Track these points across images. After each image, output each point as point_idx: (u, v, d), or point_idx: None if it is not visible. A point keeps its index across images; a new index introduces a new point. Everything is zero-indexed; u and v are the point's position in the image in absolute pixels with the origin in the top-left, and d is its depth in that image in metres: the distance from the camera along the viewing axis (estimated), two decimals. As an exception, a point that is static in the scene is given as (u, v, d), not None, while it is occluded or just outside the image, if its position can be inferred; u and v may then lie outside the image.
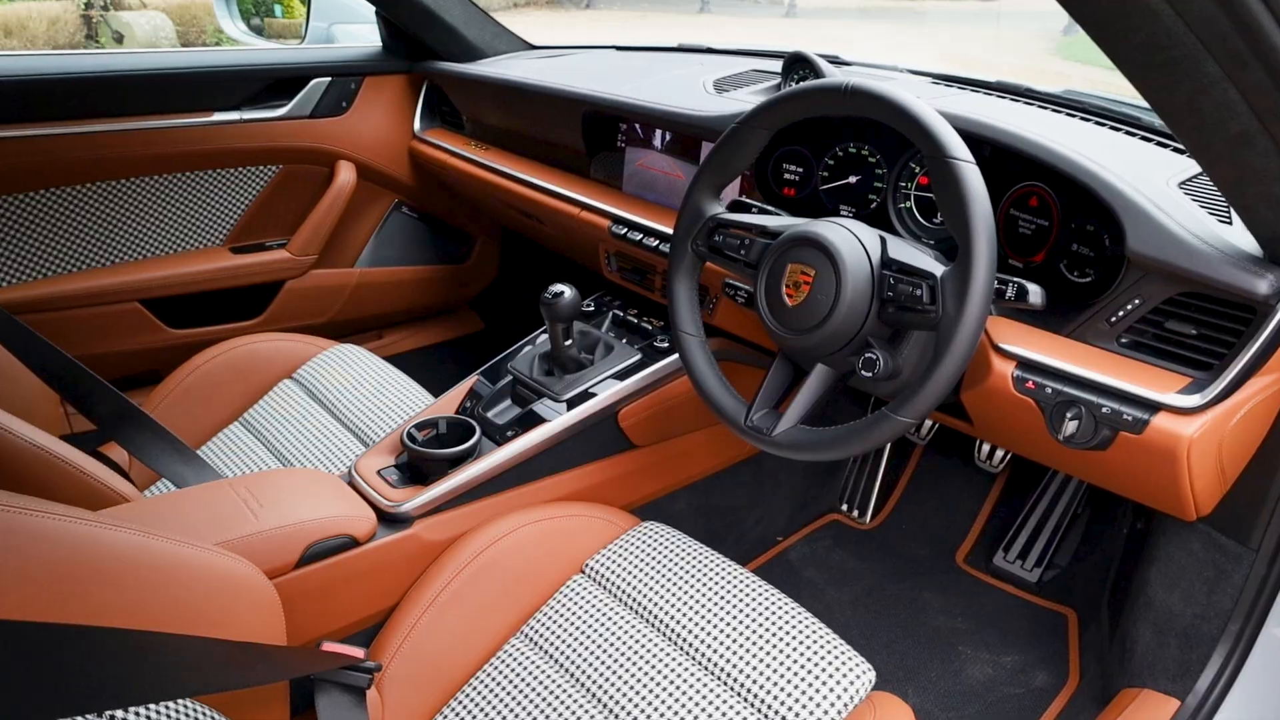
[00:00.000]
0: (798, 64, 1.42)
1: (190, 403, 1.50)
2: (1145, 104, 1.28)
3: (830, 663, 1.01)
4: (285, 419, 1.49)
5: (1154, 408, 0.91)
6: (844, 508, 1.88)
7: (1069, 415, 0.96)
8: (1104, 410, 0.93)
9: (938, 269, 0.91)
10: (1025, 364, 1.00)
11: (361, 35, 2.06)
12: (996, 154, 1.06)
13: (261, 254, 1.92)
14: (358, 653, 0.99)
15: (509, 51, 2.00)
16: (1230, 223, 0.94)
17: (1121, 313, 0.96)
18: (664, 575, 1.13)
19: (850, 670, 1.00)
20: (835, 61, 1.57)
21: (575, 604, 1.12)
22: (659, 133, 1.48)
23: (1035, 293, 0.92)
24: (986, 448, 1.74)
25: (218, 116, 1.78)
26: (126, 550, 0.77)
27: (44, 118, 1.61)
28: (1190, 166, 1.06)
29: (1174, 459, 0.91)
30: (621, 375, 1.38)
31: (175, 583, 0.80)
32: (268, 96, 1.84)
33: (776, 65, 1.54)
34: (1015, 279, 0.93)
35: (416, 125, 2.03)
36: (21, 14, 8.03)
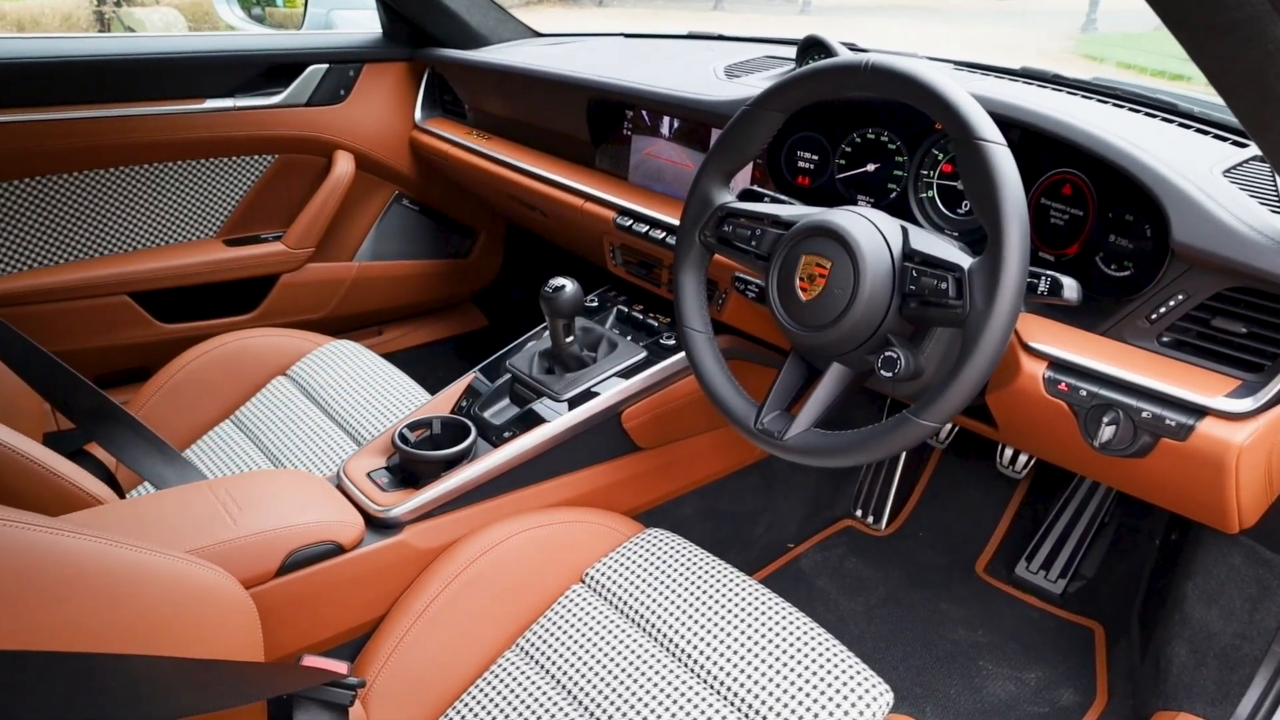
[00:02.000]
0: (813, 48, 1.36)
1: (180, 400, 1.46)
2: (1181, 92, 1.24)
3: (845, 683, 0.94)
4: (277, 417, 1.44)
5: (1200, 412, 0.85)
6: (858, 513, 1.82)
7: (1105, 420, 0.89)
8: (1144, 415, 0.87)
9: (965, 261, 0.85)
10: (1057, 364, 0.94)
11: (361, 22, 2.00)
12: (1027, 138, 1.00)
13: (256, 246, 1.87)
14: (340, 667, 0.93)
15: (513, 39, 1.94)
16: None
17: (1163, 309, 0.90)
18: (668, 586, 1.08)
19: (866, 691, 0.94)
20: (853, 49, 1.50)
21: (574, 616, 1.07)
22: (667, 120, 1.42)
23: (1070, 287, 0.86)
24: (1009, 452, 1.67)
25: (210, 104, 1.73)
26: (84, 560, 0.72)
27: (28, 103, 1.56)
28: (1234, 154, 0.99)
29: (1221, 468, 0.85)
30: (625, 374, 1.33)
31: (139, 595, 0.75)
32: (263, 83, 1.79)
33: (791, 52, 1.48)
34: (1048, 272, 0.87)
35: (417, 114, 1.98)
36: (34, 10, 8.05)
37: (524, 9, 1.98)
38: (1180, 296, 0.88)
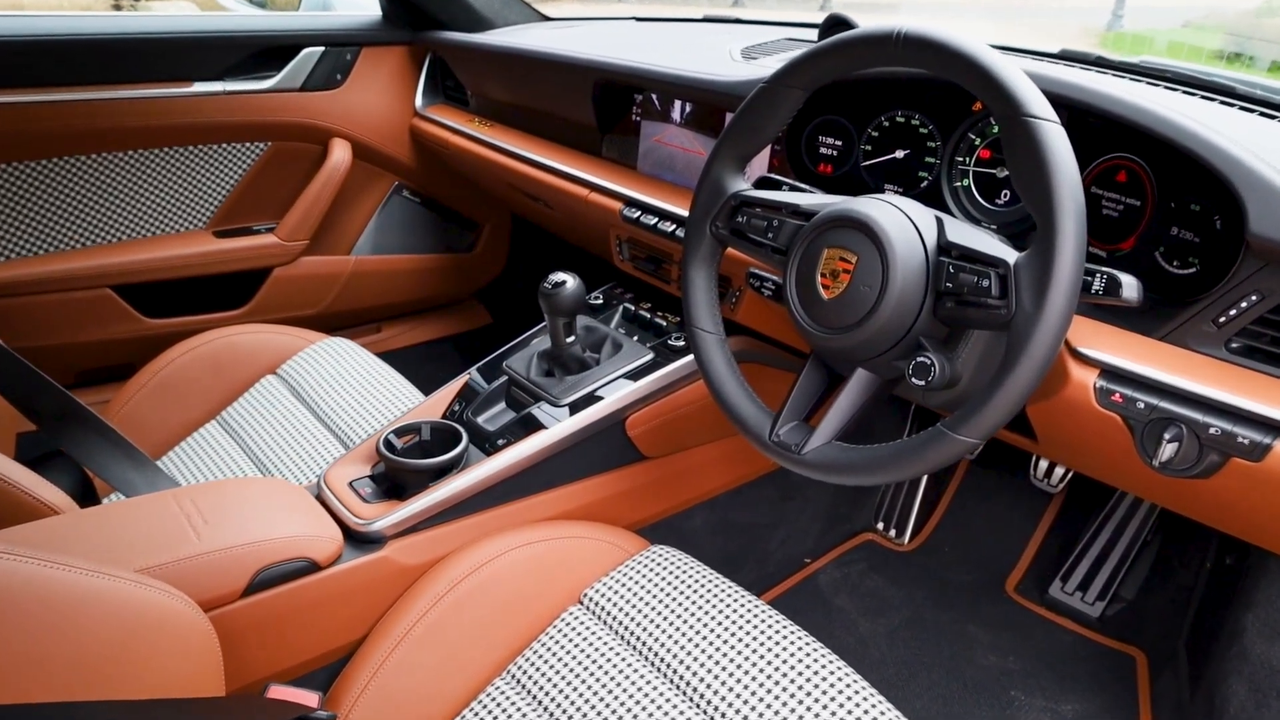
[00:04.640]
0: (837, 28, 1.25)
1: (163, 399, 1.40)
2: (1237, 75, 1.13)
3: (867, 725, 0.85)
4: (265, 419, 1.37)
5: (1277, 429, 0.74)
6: (880, 527, 1.74)
7: (1167, 437, 0.80)
8: (1212, 431, 0.78)
9: (1010, 255, 0.76)
10: (1111, 373, 0.84)
11: (360, 3, 1.93)
12: (1076, 120, 0.90)
13: (247, 238, 1.80)
14: (311, 699, 0.85)
15: (519, 22, 1.86)
16: None
17: (1233, 311, 0.80)
18: (673, 609, 1.00)
19: (892, 735, 0.84)
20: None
21: (570, 640, 0.99)
22: (678, 104, 1.33)
23: (1130, 285, 0.77)
24: (1045, 464, 1.58)
25: (199, 87, 1.66)
26: (14, 584, 0.64)
27: (3, 84, 1.49)
28: None
29: None
30: (631, 377, 1.25)
31: (79, 625, 0.67)
32: (254, 66, 1.72)
33: (812, 35, 1.38)
34: (1103, 269, 0.77)
35: (418, 101, 1.91)
36: (52, 3, 8.07)
37: (541, 4, 1.90)
38: (1254, 297, 0.78)
